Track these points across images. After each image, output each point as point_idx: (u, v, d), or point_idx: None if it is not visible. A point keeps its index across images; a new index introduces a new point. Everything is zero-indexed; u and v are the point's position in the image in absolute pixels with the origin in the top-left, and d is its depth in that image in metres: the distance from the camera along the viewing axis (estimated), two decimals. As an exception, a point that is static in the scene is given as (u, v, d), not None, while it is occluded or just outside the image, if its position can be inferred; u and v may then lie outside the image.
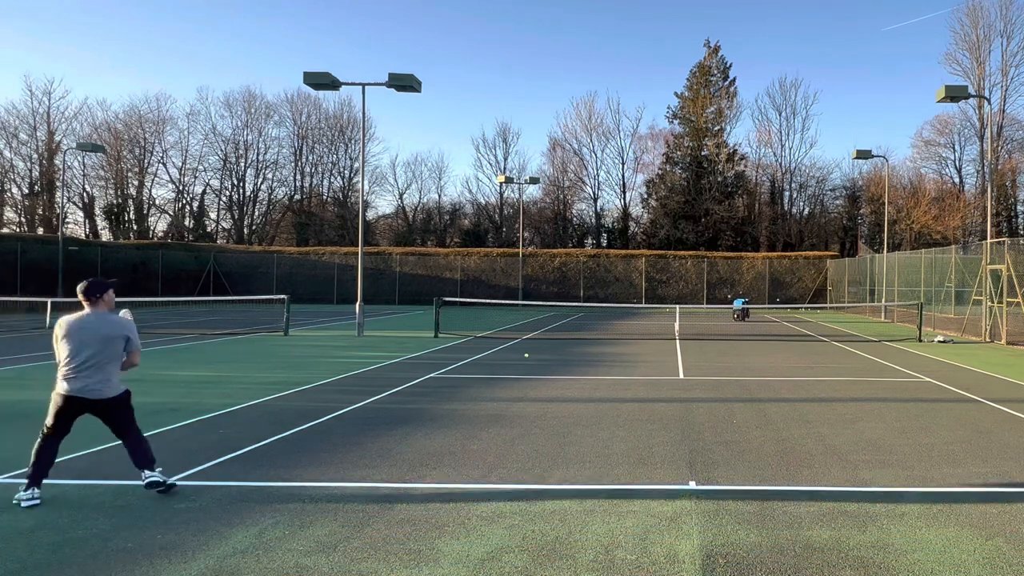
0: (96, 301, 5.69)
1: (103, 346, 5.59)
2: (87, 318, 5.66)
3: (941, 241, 49.22)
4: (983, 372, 14.16)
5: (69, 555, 4.57)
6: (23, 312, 30.80)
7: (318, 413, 9.19)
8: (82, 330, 5.60)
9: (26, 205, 56.00)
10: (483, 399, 10.48)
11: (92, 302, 5.68)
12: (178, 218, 61.45)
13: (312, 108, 62.82)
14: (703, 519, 5.29)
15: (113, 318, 5.76)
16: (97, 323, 5.65)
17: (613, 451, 7.37)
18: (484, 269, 46.58)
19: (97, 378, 5.56)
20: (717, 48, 60.28)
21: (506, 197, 63.84)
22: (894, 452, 7.43)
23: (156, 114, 59.87)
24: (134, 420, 5.87)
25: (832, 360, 16.18)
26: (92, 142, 47.24)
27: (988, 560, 4.60)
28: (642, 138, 64.21)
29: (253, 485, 6.08)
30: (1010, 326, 20.81)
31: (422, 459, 6.98)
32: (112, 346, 5.63)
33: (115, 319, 5.77)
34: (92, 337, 5.58)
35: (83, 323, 5.63)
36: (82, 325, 5.62)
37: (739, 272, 46.14)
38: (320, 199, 64.30)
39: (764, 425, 8.74)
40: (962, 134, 58.02)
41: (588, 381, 12.49)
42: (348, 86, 22.51)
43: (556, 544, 4.80)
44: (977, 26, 54.27)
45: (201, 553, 4.61)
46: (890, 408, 10.06)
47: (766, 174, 62.65)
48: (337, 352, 17.28)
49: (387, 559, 4.53)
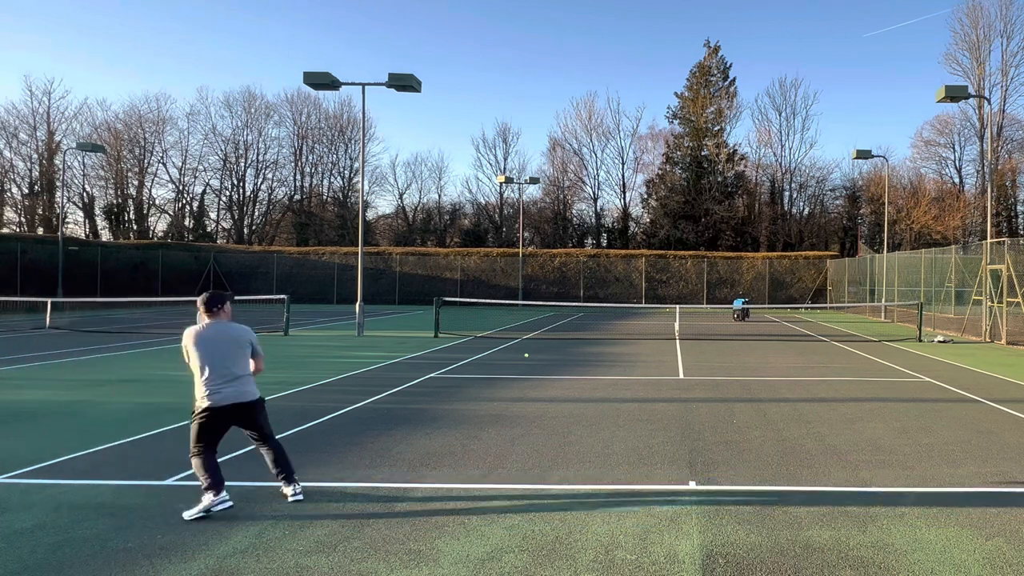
0: (217, 312, 5.70)
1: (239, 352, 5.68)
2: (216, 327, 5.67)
3: (941, 241, 49.23)
4: (983, 372, 14.16)
5: (69, 555, 4.57)
6: (23, 312, 30.80)
7: (318, 413, 9.19)
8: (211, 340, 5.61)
9: (26, 205, 56.00)
10: (483, 399, 10.48)
11: (213, 313, 5.69)
12: (178, 218, 61.44)
13: (312, 108, 62.85)
14: (703, 519, 5.29)
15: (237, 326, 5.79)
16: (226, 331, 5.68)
17: (613, 451, 7.37)
18: (484, 269, 46.57)
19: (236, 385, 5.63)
20: (717, 48, 60.31)
21: (506, 197, 63.88)
22: (894, 452, 7.43)
23: (156, 114, 59.91)
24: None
25: (832, 360, 16.18)
26: (92, 142, 47.21)
27: (988, 560, 4.60)
28: (642, 138, 64.25)
29: (253, 485, 6.08)
30: (1010, 326, 20.81)
31: (422, 459, 6.98)
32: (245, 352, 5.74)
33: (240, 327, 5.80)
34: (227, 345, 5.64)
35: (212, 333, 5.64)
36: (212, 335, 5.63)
37: (739, 272, 46.13)
38: (320, 199, 64.27)
39: (764, 425, 8.74)
40: (962, 134, 58.08)
41: (588, 381, 12.49)
42: (348, 86, 22.53)
43: (556, 544, 4.80)
44: (977, 26, 54.32)
45: (201, 553, 4.61)
46: (890, 408, 10.06)
47: (766, 174, 62.68)
48: (337, 352, 17.28)
49: (387, 559, 4.53)
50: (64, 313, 30.55)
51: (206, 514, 5.27)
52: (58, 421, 8.66)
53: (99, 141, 53.59)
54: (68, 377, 12.35)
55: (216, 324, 5.66)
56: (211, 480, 5.39)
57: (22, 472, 6.38)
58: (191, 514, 5.25)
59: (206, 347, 5.54)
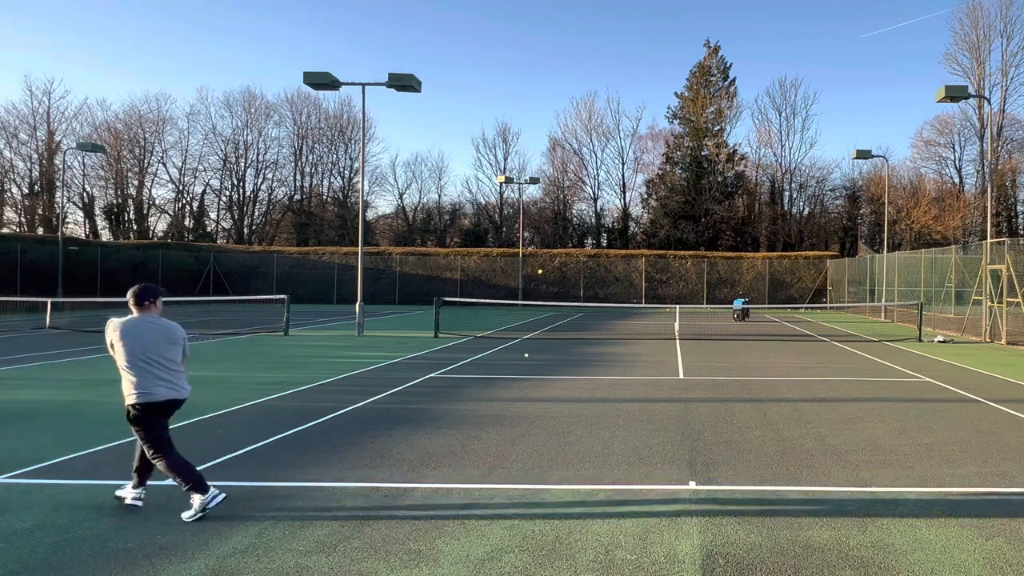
0: (148, 306, 5.62)
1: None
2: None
3: (941, 241, 49.23)
4: (983, 372, 14.15)
5: (69, 555, 4.57)
6: (23, 312, 30.79)
7: (318, 413, 9.19)
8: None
9: (26, 205, 55.99)
10: (483, 399, 10.48)
11: (144, 307, 5.60)
12: (178, 218, 61.44)
13: (312, 108, 62.85)
14: (703, 519, 5.29)
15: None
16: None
17: (613, 451, 7.37)
18: (484, 269, 46.57)
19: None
20: (717, 48, 60.32)
21: (506, 197, 63.89)
22: (894, 452, 7.43)
23: (156, 114, 59.91)
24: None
25: (832, 360, 16.18)
26: (92, 142, 47.21)
27: (988, 560, 4.60)
28: (642, 138, 64.26)
29: (253, 485, 6.08)
30: (1010, 326, 20.81)
31: (422, 459, 6.98)
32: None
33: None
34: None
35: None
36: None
37: (739, 272, 46.12)
38: (320, 199, 64.27)
39: (764, 425, 8.74)
40: (962, 134, 58.09)
41: (588, 381, 12.49)
42: (348, 86, 22.53)
43: (556, 544, 4.80)
44: (977, 26, 54.34)
45: (201, 553, 4.61)
46: (890, 408, 10.06)
47: (766, 174, 62.69)
48: (337, 352, 17.28)
49: (387, 559, 4.53)
50: (64, 313, 30.54)
51: (204, 512, 5.23)
52: (58, 421, 8.66)
53: (99, 141, 53.60)
54: (68, 377, 12.35)
55: (148, 317, 5.54)
56: (189, 478, 5.26)
57: (22, 472, 6.38)
58: (189, 515, 5.22)
59: (137, 340, 5.37)
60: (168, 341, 5.54)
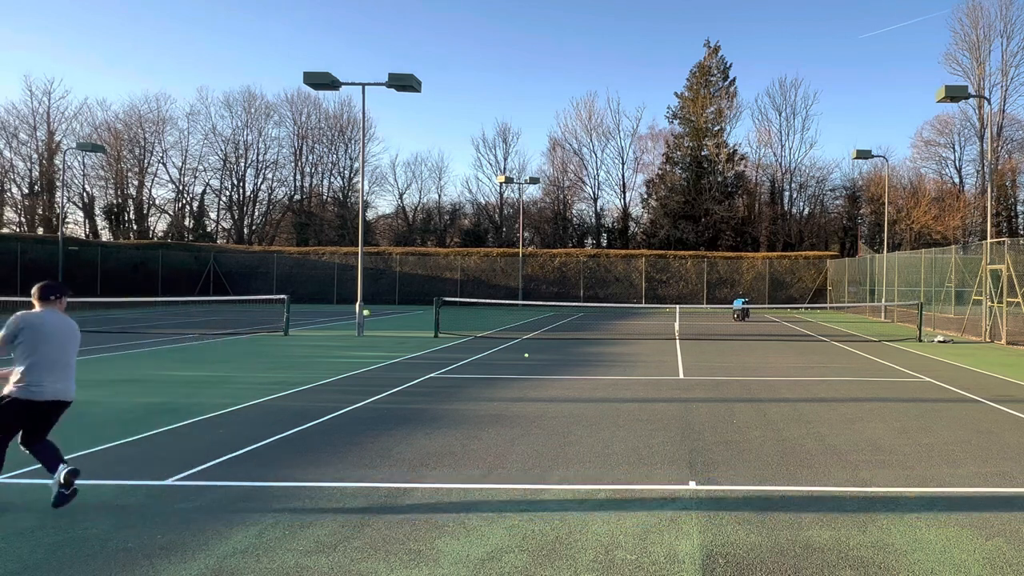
0: (53, 302, 5.58)
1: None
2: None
3: (941, 241, 49.23)
4: (983, 372, 14.15)
5: (69, 555, 4.57)
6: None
7: (318, 413, 9.19)
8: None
9: (26, 205, 56.01)
10: (483, 399, 10.48)
11: (49, 302, 5.55)
12: (178, 218, 61.44)
13: (312, 108, 62.86)
14: (703, 519, 5.29)
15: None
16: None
17: (613, 451, 7.37)
18: (484, 269, 46.57)
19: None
20: (717, 48, 60.32)
21: (506, 197, 63.88)
22: (894, 452, 7.43)
23: (156, 114, 59.92)
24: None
25: (832, 360, 16.18)
26: (92, 142, 47.21)
27: (988, 560, 4.60)
28: (642, 138, 64.26)
29: (253, 485, 6.08)
30: (1010, 326, 20.81)
31: (422, 459, 6.98)
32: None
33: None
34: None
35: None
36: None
37: (739, 272, 46.13)
38: (320, 199, 64.28)
39: (764, 425, 8.74)
40: (962, 134, 58.09)
41: (588, 381, 12.49)
42: (348, 86, 22.53)
43: (556, 544, 4.80)
44: (977, 26, 54.34)
45: (201, 553, 4.61)
46: (890, 408, 10.06)
47: (766, 174, 62.70)
48: (337, 352, 17.28)
49: (387, 559, 4.53)
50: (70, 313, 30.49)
51: (66, 489, 5.20)
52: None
53: (99, 141, 53.61)
54: (68, 377, 12.34)
55: (53, 313, 5.49)
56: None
57: (22, 472, 6.38)
58: (54, 496, 5.21)
59: (39, 335, 5.31)
60: (74, 340, 5.59)
